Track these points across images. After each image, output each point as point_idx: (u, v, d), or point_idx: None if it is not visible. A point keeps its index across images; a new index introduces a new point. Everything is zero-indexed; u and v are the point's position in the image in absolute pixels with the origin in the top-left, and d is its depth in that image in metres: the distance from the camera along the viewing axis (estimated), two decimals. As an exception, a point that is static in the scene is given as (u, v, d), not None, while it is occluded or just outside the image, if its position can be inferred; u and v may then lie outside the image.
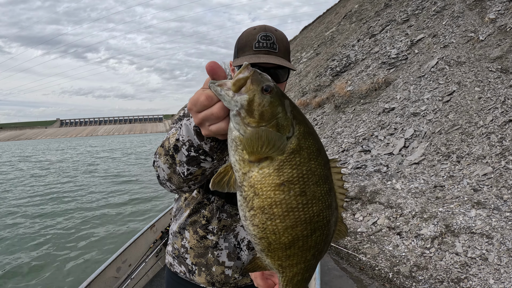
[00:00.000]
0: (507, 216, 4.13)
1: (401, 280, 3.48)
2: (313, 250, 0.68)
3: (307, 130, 0.64)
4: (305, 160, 0.62)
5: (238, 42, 1.18)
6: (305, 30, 31.60)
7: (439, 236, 4.08)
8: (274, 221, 0.63)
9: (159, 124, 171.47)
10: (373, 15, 15.60)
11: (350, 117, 10.03)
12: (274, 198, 0.61)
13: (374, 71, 11.25)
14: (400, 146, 7.01)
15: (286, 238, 0.64)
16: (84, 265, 5.34)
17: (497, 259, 3.52)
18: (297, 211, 0.63)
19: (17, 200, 11.05)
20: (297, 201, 0.62)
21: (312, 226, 0.65)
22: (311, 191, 0.63)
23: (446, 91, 7.49)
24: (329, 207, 0.66)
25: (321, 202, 0.65)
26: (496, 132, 5.66)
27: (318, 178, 0.64)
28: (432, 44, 9.77)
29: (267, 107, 0.60)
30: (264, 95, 0.60)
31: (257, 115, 0.60)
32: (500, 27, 7.92)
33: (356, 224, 4.99)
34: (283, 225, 0.63)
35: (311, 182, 0.63)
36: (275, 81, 1.03)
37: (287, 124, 0.61)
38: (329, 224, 0.68)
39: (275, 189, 0.61)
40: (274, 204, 0.62)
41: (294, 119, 0.63)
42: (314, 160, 0.63)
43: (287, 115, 0.62)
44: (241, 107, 0.60)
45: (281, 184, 0.61)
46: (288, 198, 0.62)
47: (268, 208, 0.62)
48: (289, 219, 0.63)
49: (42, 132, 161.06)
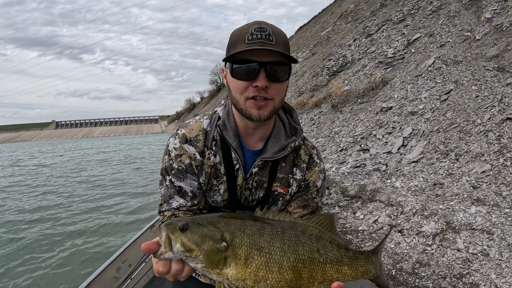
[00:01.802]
0: (507, 212, 4.15)
1: (404, 276, 3.48)
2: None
3: (230, 226, 0.84)
4: (246, 236, 0.83)
5: (230, 39, 1.04)
6: (301, 30, 31.70)
7: (440, 233, 4.10)
8: (268, 276, 0.83)
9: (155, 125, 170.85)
10: (369, 14, 15.69)
11: (347, 116, 10.06)
12: (253, 268, 0.82)
13: (371, 70, 11.30)
14: (398, 145, 7.04)
15: (287, 273, 0.85)
16: (84, 265, 5.29)
17: (498, 255, 3.54)
18: (267, 261, 0.84)
19: (17, 200, 10.92)
20: (261, 256, 0.83)
21: (287, 266, 0.86)
22: (263, 248, 0.84)
23: (443, 90, 7.54)
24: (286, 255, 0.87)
25: (280, 253, 0.85)
26: (494, 130, 5.70)
27: (262, 239, 0.85)
28: (429, 43, 9.84)
29: (194, 237, 0.79)
30: (185, 232, 0.79)
31: (194, 247, 0.78)
32: (496, 26, 8.00)
33: (357, 223, 4.99)
34: (273, 275, 0.84)
35: (258, 245, 0.84)
36: (273, 80, 1.01)
37: (217, 234, 0.81)
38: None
39: (248, 265, 0.82)
40: (258, 270, 0.82)
41: (216, 225, 0.83)
42: (252, 235, 0.84)
43: (211, 228, 0.82)
44: (182, 252, 0.78)
45: (246, 260, 0.82)
46: (259, 260, 0.83)
47: (258, 275, 0.82)
48: (268, 267, 0.83)
49: (38, 134, 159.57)
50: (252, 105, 1.02)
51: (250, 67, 0.98)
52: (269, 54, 0.98)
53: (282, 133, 1.20)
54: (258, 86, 0.98)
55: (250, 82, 1.00)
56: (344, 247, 0.94)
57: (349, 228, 4.88)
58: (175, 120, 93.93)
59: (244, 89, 1.01)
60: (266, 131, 1.18)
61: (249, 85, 1.00)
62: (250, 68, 0.98)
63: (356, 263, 0.95)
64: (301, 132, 1.23)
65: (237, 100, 1.05)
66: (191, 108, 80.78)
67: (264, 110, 1.03)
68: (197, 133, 1.18)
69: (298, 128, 1.23)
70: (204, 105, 64.77)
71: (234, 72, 1.01)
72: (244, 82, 1.00)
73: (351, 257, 0.94)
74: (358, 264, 0.95)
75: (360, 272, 0.95)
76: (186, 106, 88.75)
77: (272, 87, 1.01)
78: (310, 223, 0.92)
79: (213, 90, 67.99)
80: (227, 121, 1.16)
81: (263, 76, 0.98)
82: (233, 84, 1.04)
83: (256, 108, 1.02)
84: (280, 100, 1.07)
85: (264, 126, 1.16)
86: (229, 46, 1.04)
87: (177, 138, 1.18)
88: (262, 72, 0.98)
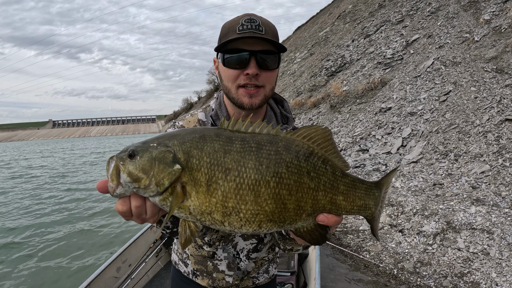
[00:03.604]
0: (506, 212, 4.18)
1: (406, 276, 3.49)
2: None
3: (185, 143, 0.68)
4: (205, 155, 0.66)
5: (222, 30, 1.08)
6: (299, 30, 31.73)
7: (441, 232, 4.11)
8: (240, 207, 0.66)
9: (152, 125, 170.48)
10: (367, 15, 15.74)
11: (346, 116, 10.08)
12: (219, 197, 0.65)
13: (370, 71, 11.33)
14: (398, 145, 7.06)
15: (266, 203, 0.67)
16: (84, 265, 5.25)
17: (498, 254, 3.56)
18: (237, 187, 0.66)
19: (16, 200, 10.83)
20: (228, 180, 0.65)
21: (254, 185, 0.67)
22: (231, 170, 0.66)
23: (442, 91, 7.58)
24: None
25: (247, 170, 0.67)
26: (493, 131, 5.74)
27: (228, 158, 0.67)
28: (428, 44, 9.89)
29: (142, 162, 0.65)
30: (134, 159, 0.66)
31: (141, 174, 0.65)
32: (494, 28, 8.05)
33: (357, 223, 5.00)
34: (247, 205, 0.66)
35: (223, 166, 0.66)
36: (263, 68, 1.02)
37: (168, 155, 0.66)
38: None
39: (212, 193, 0.65)
40: (226, 199, 0.65)
41: (169, 144, 0.67)
42: (213, 153, 0.67)
43: (161, 149, 0.67)
44: (131, 183, 0.65)
45: (209, 186, 0.65)
46: (226, 186, 0.65)
47: (228, 206, 0.66)
48: (240, 195, 0.66)
49: (35, 133, 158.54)
50: (243, 93, 1.05)
51: (241, 56, 1.01)
52: (259, 43, 1.01)
53: (274, 122, 1.21)
54: (249, 73, 1.01)
55: (241, 70, 1.02)
56: (340, 171, 0.73)
57: (349, 228, 4.88)
58: (172, 120, 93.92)
59: (236, 77, 1.04)
60: (257, 120, 1.20)
61: (240, 73, 1.03)
62: (241, 57, 1.01)
63: (354, 194, 0.73)
64: (293, 120, 1.25)
65: (229, 88, 1.07)
66: (188, 108, 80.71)
67: (255, 98, 1.05)
68: (194, 124, 1.22)
69: (289, 117, 1.25)
70: (202, 105, 64.49)
71: (226, 61, 1.04)
72: (236, 70, 1.03)
73: (349, 185, 0.73)
74: (355, 195, 0.73)
75: (357, 206, 0.74)
76: (183, 106, 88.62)
77: (263, 75, 1.04)
78: (296, 137, 0.71)
79: (211, 89, 67.94)
80: (219, 111, 1.19)
81: (253, 64, 1.01)
82: (225, 73, 1.06)
83: (248, 97, 1.05)
84: (271, 88, 1.10)
85: (256, 115, 1.17)
86: (220, 37, 1.07)
87: (176, 128, 1.20)
88: (253, 60, 1.01)
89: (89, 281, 3.09)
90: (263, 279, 1.35)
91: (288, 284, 3.12)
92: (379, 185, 0.80)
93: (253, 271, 1.30)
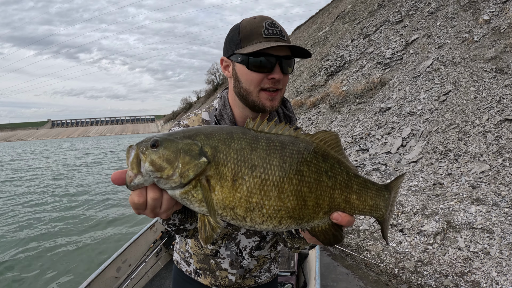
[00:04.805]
0: (506, 211, 4.19)
1: (406, 275, 3.50)
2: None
3: (212, 139, 0.69)
4: (232, 151, 0.68)
5: (241, 31, 1.06)
6: (298, 30, 31.77)
7: (441, 232, 4.12)
8: (264, 203, 0.67)
9: (151, 125, 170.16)
10: (366, 15, 15.75)
11: (346, 116, 10.08)
12: (244, 192, 0.66)
13: (369, 71, 11.34)
14: (397, 145, 7.07)
15: (288, 200, 0.69)
16: (84, 265, 5.24)
17: (498, 253, 3.57)
18: (262, 183, 0.67)
19: (16, 200, 10.80)
20: (254, 176, 0.67)
21: (277, 185, 0.69)
22: (257, 166, 0.68)
23: (442, 90, 7.58)
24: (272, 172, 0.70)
25: (272, 169, 0.69)
26: (493, 131, 5.75)
27: (254, 156, 0.69)
28: (427, 44, 9.90)
29: (166, 152, 0.65)
30: (157, 149, 0.65)
31: (165, 164, 0.64)
32: (494, 28, 8.06)
33: (358, 222, 5.00)
34: (270, 201, 0.68)
35: (249, 163, 0.68)
36: (282, 72, 1.05)
37: (194, 147, 0.66)
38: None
39: (237, 188, 0.66)
40: (251, 195, 0.66)
41: (195, 138, 0.68)
42: (239, 151, 0.68)
43: (187, 141, 0.67)
44: (152, 172, 0.64)
45: (234, 181, 0.66)
46: (252, 182, 0.67)
47: (251, 202, 0.67)
48: (264, 191, 0.67)
49: (33, 133, 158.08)
50: (266, 96, 1.07)
51: (269, 61, 1.03)
52: (282, 49, 1.04)
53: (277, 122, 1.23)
54: (275, 78, 1.04)
55: (265, 74, 1.04)
56: (352, 172, 0.78)
57: (350, 228, 4.89)
58: (171, 120, 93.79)
59: (260, 81, 1.05)
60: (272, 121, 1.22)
61: (264, 77, 1.05)
62: (269, 62, 1.03)
63: (366, 193, 0.78)
64: (295, 121, 1.27)
65: (249, 91, 1.08)
66: (187, 108, 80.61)
67: (275, 101, 1.09)
68: (198, 123, 1.22)
69: (292, 117, 1.27)
70: (201, 105, 64.64)
71: (251, 64, 1.04)
72: (261, 74, 1.04)
73: (361, 185, 0.78)
74: (367, 195, 0.78)
75: (369, 206, 0.78)
76: (182, 106, 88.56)
77: (283, 79, 1.07)
78: (314, 139, 0.76)
79: (210, 89, 67.86)
80: (224, 111, 1.19)
81: (278, 69, 1.04)
82: (247, 76, 1.06)
83: (269, 99, 1.07)
84: (284, 90, 1.15)
85: (262, 115, 1.18)
86: (242, 37, 1.06)
87: (181, 127, 1.20)
88: (278, 65, 1.04)
89: (89, 281, 3.08)
90: (265, 278, 1.36)
91: (288, 284, 3.12)
92: (389, 187, 0.84)
93: (255, 269, 1.31)
